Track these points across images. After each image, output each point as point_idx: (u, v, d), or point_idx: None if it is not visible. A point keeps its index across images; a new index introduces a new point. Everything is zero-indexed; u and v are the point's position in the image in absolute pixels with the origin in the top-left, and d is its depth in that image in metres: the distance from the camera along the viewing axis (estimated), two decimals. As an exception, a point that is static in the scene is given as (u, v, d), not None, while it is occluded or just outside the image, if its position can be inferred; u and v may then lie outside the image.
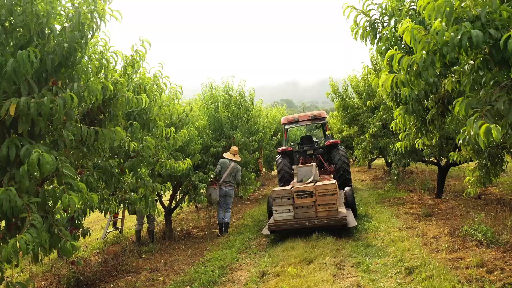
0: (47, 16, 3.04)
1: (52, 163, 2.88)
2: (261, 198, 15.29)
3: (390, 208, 9.34)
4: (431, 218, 7.76)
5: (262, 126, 11.24)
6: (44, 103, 2.93)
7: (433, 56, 2.80)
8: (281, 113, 20.67)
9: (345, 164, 12.96)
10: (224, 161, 8.83)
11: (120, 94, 3.81)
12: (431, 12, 2.87)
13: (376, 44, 4.41)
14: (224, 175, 8.83)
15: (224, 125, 9.51)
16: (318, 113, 14.05)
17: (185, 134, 5.77)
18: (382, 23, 4.37)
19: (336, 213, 7.00)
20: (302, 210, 7.12)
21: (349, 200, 8.78)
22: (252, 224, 9.67)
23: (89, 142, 3.53)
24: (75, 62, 3.24)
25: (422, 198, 10.23)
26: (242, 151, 9.70)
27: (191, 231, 10.33)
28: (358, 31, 4.43)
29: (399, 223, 7.44)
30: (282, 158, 13.44)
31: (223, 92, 10.11)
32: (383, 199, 10.92)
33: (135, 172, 5.21)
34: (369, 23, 4.32)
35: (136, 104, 4.06)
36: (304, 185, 7.37)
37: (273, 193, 7.23)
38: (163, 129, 5.91)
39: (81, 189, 3.15)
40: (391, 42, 4.04)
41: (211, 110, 9.59)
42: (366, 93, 10.70)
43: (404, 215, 8.35)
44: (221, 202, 8.91)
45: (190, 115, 7.98)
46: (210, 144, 9.61)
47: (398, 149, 5.82)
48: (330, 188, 7.03)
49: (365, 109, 10.95)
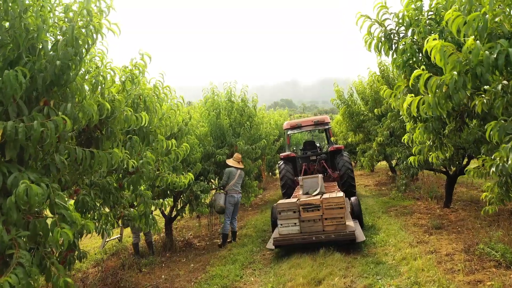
0: (38, 31, 2.76)
1: (41, 194, 2.61)
2: (263, 204, 15.01)
3: (397, 218, 9.06)
4: (442, 231, 7.48)
5: (265, 133, 10.96)
6: (33, 127, 2.65)
7: (464, 77, 2.52)
8: (283, 117, 20.39)
9: (349, 171, 12.69)
10: (231, 169, 8.58)
11: (118, 111, 3.53)
12: (460, 27, 2.60)
13: (392, 55, 4.13)
14: (233, 182, 8.59)
15: (226, 132, 9.24)
16: (322, 118, 13.78)
17: (187, 148, 5.49)
18: (398, 34, 4.09)
19: (344, 227, 6.73)
20: (308, 224, 6.84)
21: (356, 210, 8.50)
22: (255, 234, 9.39)
23: (84, 164, 3.25)
24: (68, 81, 2.96)
25: (429, 207, 9.95)
26: (245, 159, 9.42)
27: (192, 241, 10.05)
28: (372, 42, 4.15)
29: (409, 237, 7.17)
30: (285, 164, 13.17)
31: (225, 98, 9.83)
32: (389, 207, 10.64)
33: (135, 189, 4.93)
34: (384, 34, 4.04)
35: (136, 122, 3.77)
36: (310, 197, 7.09)
37: (278, 206, 6.95)
38: (164, 142, 5.65)
39: (74, 220, 2.87)
40: (408, 54, 3.76)
41: (213, 117, 9.31)
42: (373, 99, 10.42)
43: (413, 227, 8.07)
44: (229, 210, 8.65)
45: (190, 124, 7.71)
46: (212, 152, 9.33)
47: (410, 163, 5.54)
48: (337, 201, 6.76)
49: (371, 116, 10.67)
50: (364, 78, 11.72)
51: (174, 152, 5.35)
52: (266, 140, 10.61)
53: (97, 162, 3.27)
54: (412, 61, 3.80)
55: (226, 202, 8.58)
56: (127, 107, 3.93)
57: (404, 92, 3.94)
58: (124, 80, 3.88)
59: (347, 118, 12.55)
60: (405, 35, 3.96)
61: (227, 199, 8.58)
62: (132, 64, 4.11)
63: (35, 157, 2.90)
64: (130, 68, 4.03)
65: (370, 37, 4.12)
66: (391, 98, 5.11)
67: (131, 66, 4.06)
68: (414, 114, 3.18)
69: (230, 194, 8.58)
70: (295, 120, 14.37)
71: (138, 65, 4.15)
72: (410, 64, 3.81)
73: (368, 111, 10.88)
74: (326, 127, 13.65)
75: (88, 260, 9.14)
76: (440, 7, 3.88)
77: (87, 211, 4.50)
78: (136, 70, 4.11)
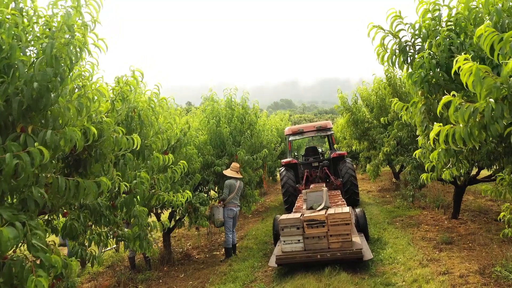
0: (11, 50, 2.42)
1: (14, 238, 2.27)
2: (264, 211, 14.66)
3: (404, 230, 8.72)
4: (452, 246, 7.13)
5: (267, 140, 10.62)
6: (5, 161, 2.31)
7: (502, 105, 2.19)
8: (284, 121, 20.04)
9: (353, 178, 12.37)
10: (231, 182, 8.23)
11: (107, 134, 3.18)
12: (495, 45, 2.25)
13: (406, 69, 3.78)
14: (232, 195, 8.25)
15: (226, 141, 8.89)
16: (324, 124, 13.44)
17: (184, 166, 5.14)
18: (413, 46, 3.75)
19: (351, 244, 6.38)
20: (312, 241, 6.50)
21: (361, 223, 8.16)
22: (256, 247, 9.04)
23: (67, 196, 2.91)
24: (48, 104, 2.62)
25: (436, 218, 9.60)
26: (246, 169, 9.08)
27: (191, 253, 9.72)
28: (385, 55, 3.81)
29: (418, 254, 6.82)
30: (286, 171, 12.84)
31: (225, 105, 9.48)
32: (394, 217, 10.30)
33: (128, 210, 4.60)
34: (398, 46, 3.70)
35: (127, 145, 3.43)
36: (314, 213, 6.75)
37: (281, 222, 6.61)
38: (160, 159, 5.32)
39: (54, 263, 2.53)
40: (426, 69, 3.42)
41: (212, 125, 8.97)
42: (378, 107, 10.07)
43: (421, 241, 7.73)
44: (228, 224, 8.31)
45: (189, 134, 7.38)
46: (211, 162, 8.99)
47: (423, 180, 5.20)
48: (343, 217, 6.41)
49: (376, 123, 10.32)
50: (368, 84, 11.39)
51: (170, 170, 5.01)
52: (267, 148, 10.28)
53: (82, 193, 2.93)
54: (430, 76, 3.46)
55: (225, 215, 8.24)
56: (118, 127, 3.58)
57: (422, 110, 3.60)
58: (114, 99, 3.52)
59: (351, 126, 12.19)
60: (422, 47, 3.62)
61: (225, 213, 8.24)
62: (122, 81, 3.76)
63: (10, 192, 2.56)
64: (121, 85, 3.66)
65: (383, 50, 3.78)
66: (403, 111, 4.77)
67: (122, 84, 3.70)
68: (442, 146, 2.85)
69: (229, 208, 8.24)
70: (297, 126, 14.03)
71: (130, 83, 3.80)
72: (427, 80, 3.47)
73: (373, 119, 10.53)
74: (329, 133, 13.31)
75: (83, 273, 8.81)
76: (460, 17, 3.54)
77: (76, 237, 4.17)
78: (126, 87, 3.75)
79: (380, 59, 3.83)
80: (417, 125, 3.84)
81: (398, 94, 7.78)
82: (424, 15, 3.77)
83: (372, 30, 3.75)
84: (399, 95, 7.81)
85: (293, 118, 76.77)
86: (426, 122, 3.55)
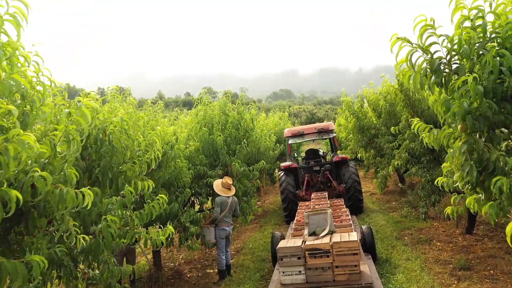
0: None
1: None
2: (262, 215, 13.88)
3: (414, 249, 7.95)
4: (472, 273, 6.38)
5: (265, 147, 9.80)
6: None
7: None
8: (284, 119, 19.18)
9: (356, 183, 11.61)
10: (222, 199, 7.42)
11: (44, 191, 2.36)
12: None
13: (439, 94, 2.96)
14: (224, 214, 7.44)
15: (220, 151, 8.07)
16: (326, 126, 12.62)
17: (164, 201, 4.33)
18: (449, 64, 2.91)
19: (359, 277, 5.61)
20: (315, 273, 5.72)
21: (368, 241, 7.39)
22: (253, 266, 8.28)
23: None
24: None
25: (449, 232, 8.84)
26: (242, 180, 8.27)
27: (182, 269, 8.96)
28: (411, 75, 2.98)
29: (435, 285, 6.06)
30: (286, 176, 12.07)
31: (219, 110, 8.63)
32: (402, 230, 9.54)
33: (94, 257, 3.81)
34: (430, 65, 2.86)
35: (76, 202, 2.61)
36: (317, 240, 5.96)
37: (279, 250, 5.83)
38: (139, 186, 4.53)
39: None
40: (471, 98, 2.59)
41: (205, 133, 8.14)
42: (387, 112, 9.21)
43: (435, 264, 6.97)
44: (221, 245, 7.53)
45: (176, 147, 6.57)
46: (204, 172, 8.18)
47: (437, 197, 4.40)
48: (351, 246, 5.63)
49: (384, 130, 9.49)
50: (376, 87, 10.50)
51: (148, 206, 4.20)
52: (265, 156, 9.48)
53: (4, 279, 2.13)
54: (474, 108, 2.65)
55: (217, 236, 7.46)
56: (60, 184, 2.75)
57: (462, 150, 2.78)
58: (56, 144, 2.62)
59: (356, 132, 11.33)
60: (461, 67, 2.79)
61: (217, 233, 7.45)
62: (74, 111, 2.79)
63: None
64: (69, 119, 2.73)
65: (410, 68, 2.95)
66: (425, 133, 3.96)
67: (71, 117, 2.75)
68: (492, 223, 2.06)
69: (221, 227, 7.44)
70: (297, 128, 13.22)
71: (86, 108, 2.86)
72: (470, 111, 2.66)
73: (381, 125, 9.70)
74: (331, 135, 12.49)
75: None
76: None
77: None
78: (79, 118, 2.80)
79: (406, 79, 3.00)
80: (454, 168, 3.04)
81: (410, 101, 6.97)
82: (462, 24, 2.93)
83: (396, 44, 2.91)
84: (412, 102, 6.98)
85: (292, 109, 75.86)
86: (468, 167, 2.74)
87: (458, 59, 2.86)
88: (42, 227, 2.86)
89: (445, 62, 2.89)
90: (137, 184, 4.66)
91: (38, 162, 2.45)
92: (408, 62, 2.94)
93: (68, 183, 2.73)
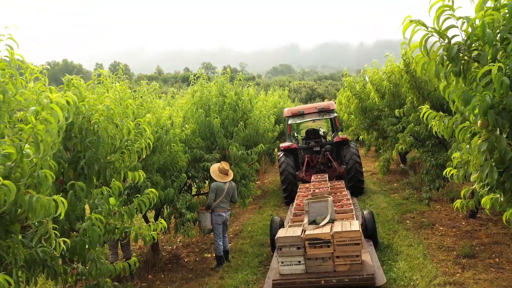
0: None
1: None
2: (261, 196, 13.69)
3: (416, 233, 7.76)
4: (476, 261, 6.19)
5: (264, 129, 9.49)
6: None
7: None
8: (283, 99, 18.76)
9: (357, 164, 11.37)
10: (218, 184, 7.17)
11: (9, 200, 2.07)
12: None
13: (456, 83, 2.64)
14: (220, 199, 7.21)
15: (217, 134, 7.77)
16: (327, 105, 12.29)
17: (154, 196, 4.06)
18: (469, 51, 2.58)
19: (360, 267, 5.42)
20: (315, 263, 5.53)
21: (369, 227, 7.20)
22: (252, 251, 8.10)
23: None
24: None
25: (452, 216, 8.64)
26: (240, 164, 8.01)
27: (180, 253, 8.82)
28: (425, 62, 2.66)
29: (438, 273, 5.87)
30: (285, 157, 11.82)
31: (216, 91, 8.28)
32: (404, 213, 9.34)
33: (81, 256, 3.58)
34: (448, 52, 2.54)
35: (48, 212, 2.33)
36: (318, 229, 5.74)
37: (278, 240, 5.62)
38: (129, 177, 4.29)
39: None
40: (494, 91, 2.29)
41: (201, 114, 7.83)
42: (391, 94, 8.83)
43: (439, 251, 6.78)
44: (218, 230, 7.34)
45: (172, 132, 6.28)
46: (200, 156, 7.91)
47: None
48: (352, 236, 5.42)
49: (387, 111, 9.14)
50: (379, 67, 10.06)
51: (137, 200, 3.94)
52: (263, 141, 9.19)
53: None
54: (496, 102, 2.34)
55: (213, 222, 7.25)
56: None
57: (482, 149, 2.49)
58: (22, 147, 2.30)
59: (359, 114, 10.97)
60: (483, 55, 2.46)
61: (213, 219, 7.24)
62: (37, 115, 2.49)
63: None
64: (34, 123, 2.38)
65: (425, 55, 2.62)
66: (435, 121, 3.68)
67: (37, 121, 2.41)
68: None
69: (217, 213, 7.21)
70: (297, 107, 12.89)
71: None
72: (493, 106, 2.35)
73: (384, 106, 9.34)
74: (332, 115, 12.17)
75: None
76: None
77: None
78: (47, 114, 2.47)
79: (419, 67, 2.69)
80: (471, 168, 2.76)
81: (417, 83, 6.62)
82: (484, 4, 2.59)
83: (408, 27, 2.58)
84: (418, 84, 6.63)
85: (292, 85, 74.98)
86: (488, 167, 2.46)
87: (479, 45, 2.53)
88: (16, 232, 2.59)
89: (464, 48, 2.56)
90: (128, 174, 4.41)
91: (4, 165, 2.16)
92: (422, 48, 2.62)
93: (43, 185, 2.45)
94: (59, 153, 3.69)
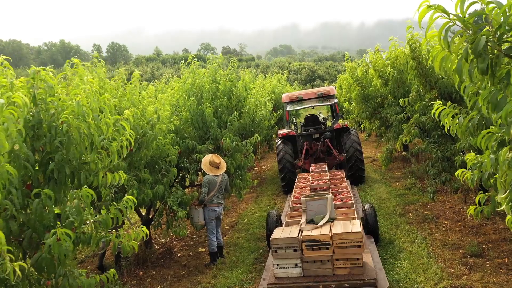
0: None
1: None
2: (258, 185, 13.27)
3: (420, 228, 7.40)
4: (484, 261, 5.84)
5: (260, 116, 9.02)
6: None
7: None
8: (282, 82, 18.19)
9: (358, 152, 10.96)
10: (210, 178, 6.77)
11: None
12: None
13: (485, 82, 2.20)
14: (212, 193, 6.83)
15: (210, 124, 7.33)
16: (327, 90, 11.80)
17: (132, 202, 3.65)
18: (499, 44, 2.12)
19: (361, 271, 5.06)
20: (313, 266, 5.17)
21: (371, 222, 6.85)
22: (247, 246, 7.76)
23: None
24: None
25: (457, 208, 8.27)
26: (234, 156, 7.59)
27: (173, 248, 8.48)
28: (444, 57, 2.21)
29: (444, 276, 5.51)
30: (283, 144, 11.39)
31: (209, 78, 7.79)
32: (406, 205, 8.97)
33: (49, 274, 3.20)
34: (473, 45, 2.08)
35: None
36: (316, 230, 5.36)
37: (273, 241, 5.24)
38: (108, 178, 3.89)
39: None
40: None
41: (193, 103, 7.37)
42: (394, 80, 8.30)
43: (444, 249, 6.42)
44: (211, 226, 6.98)
45: (157, 127, 5.85)
46: (193, 147, 7.48)
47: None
48: (353, 238, 5.04)
49: (391, 99, 8.62)
50: (383, 51, 9.51)
51: (113, 209, 3.53)
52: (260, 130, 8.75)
53: None
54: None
55: (206, 217, 6.89)
56: None
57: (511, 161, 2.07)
58: None
59: (360, 102, 10.46)
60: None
61: (206, 214, 6.87)
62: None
63: None
64: None
65: (445, 49, 2.17)
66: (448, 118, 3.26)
67: None
68: None
69: (210, 208, 6.84)
70: (296, 93, 12.40)
71: None
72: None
73: (387, 93, 8.82)
74: (333, 101, 11.69)
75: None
76: None
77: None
78: None
79: (437, 63, 2.24)
80: (498, 186, 2.33)
81: (423, 70, 6.14)
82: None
83: (425, 14, 2.12)
84: (425, 71, 6.16)
85: (292, 66, 73.83)
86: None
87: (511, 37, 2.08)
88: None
89: (493, 41, 2.11)
90: (107, 176, 4.00)
91: None
92: (441, 38, 2.16)
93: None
94: (24, 156, 3.27)
